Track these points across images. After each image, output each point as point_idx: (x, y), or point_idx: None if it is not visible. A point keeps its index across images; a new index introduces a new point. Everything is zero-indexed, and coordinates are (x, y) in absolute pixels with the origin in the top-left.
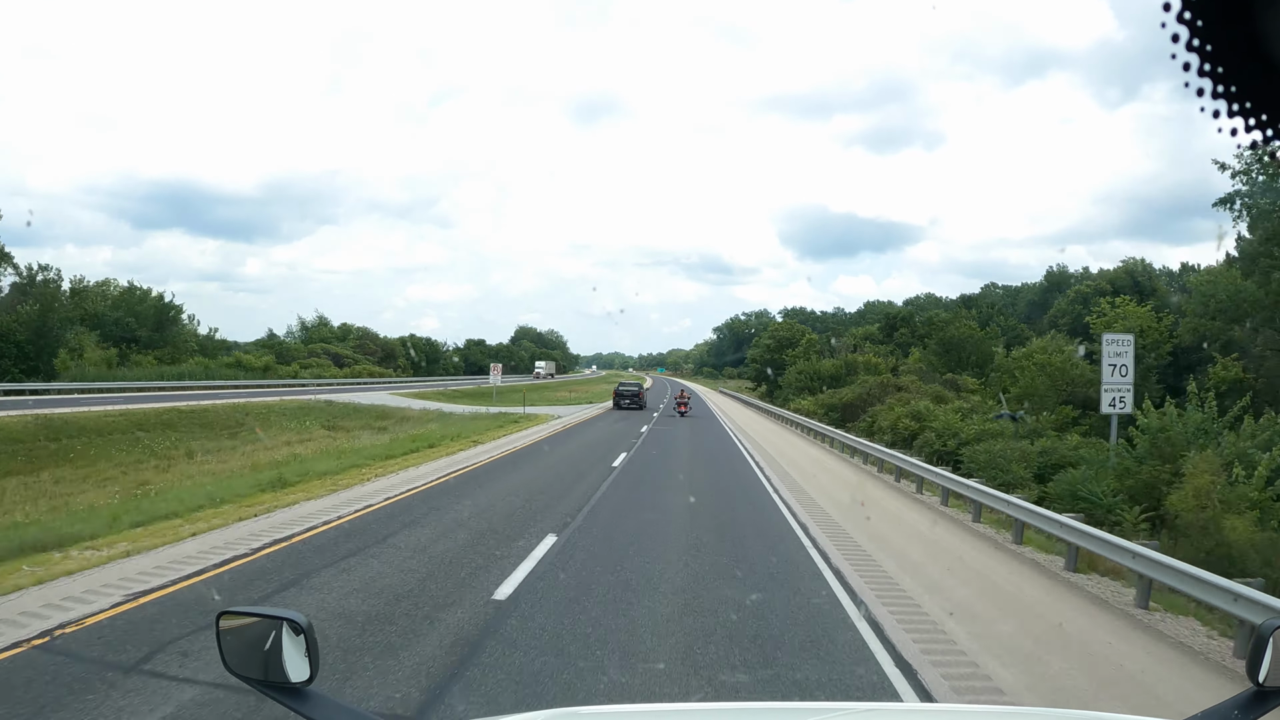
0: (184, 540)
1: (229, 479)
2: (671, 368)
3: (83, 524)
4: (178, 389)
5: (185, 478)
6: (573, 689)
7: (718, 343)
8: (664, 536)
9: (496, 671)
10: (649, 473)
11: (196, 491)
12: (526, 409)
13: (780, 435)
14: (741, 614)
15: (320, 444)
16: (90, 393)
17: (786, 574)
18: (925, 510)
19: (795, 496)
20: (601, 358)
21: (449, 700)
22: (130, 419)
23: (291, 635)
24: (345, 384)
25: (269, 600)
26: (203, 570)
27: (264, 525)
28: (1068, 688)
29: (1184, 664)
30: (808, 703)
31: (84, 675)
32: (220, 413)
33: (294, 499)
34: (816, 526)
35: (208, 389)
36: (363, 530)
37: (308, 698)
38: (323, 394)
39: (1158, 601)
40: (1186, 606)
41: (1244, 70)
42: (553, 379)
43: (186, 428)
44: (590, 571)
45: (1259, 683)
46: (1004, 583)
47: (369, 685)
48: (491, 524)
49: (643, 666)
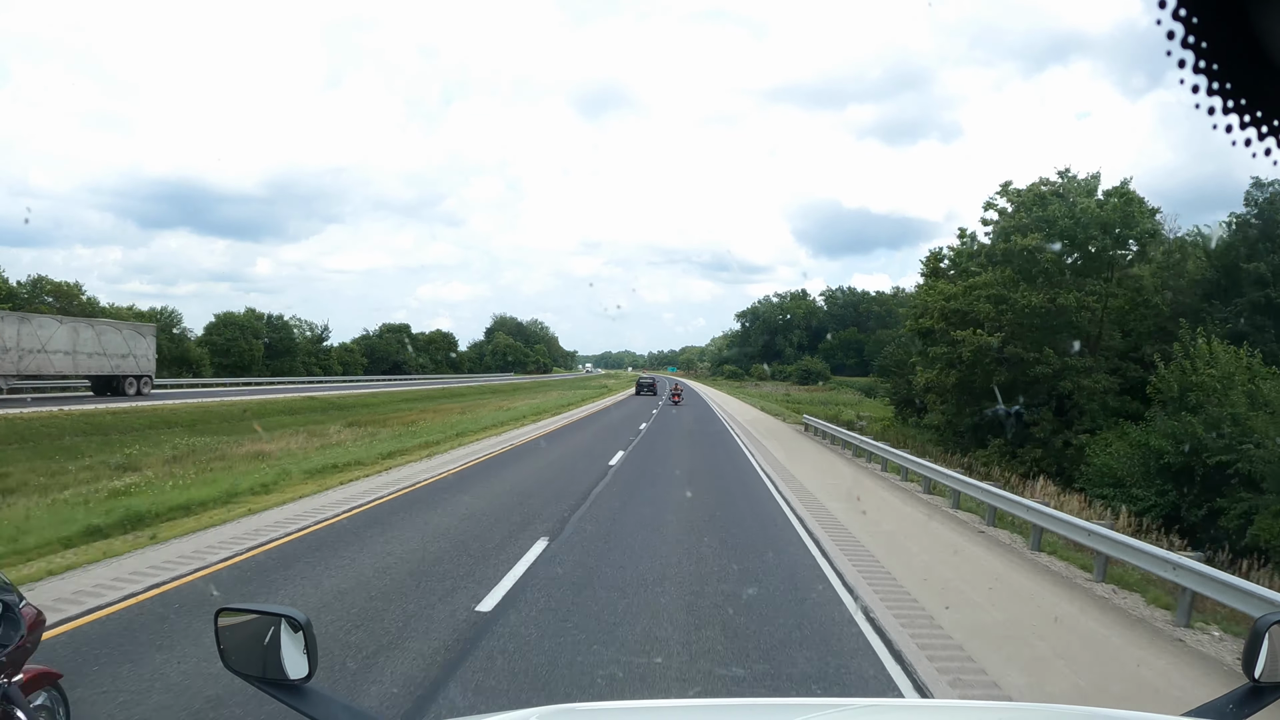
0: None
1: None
2: (684, 366)
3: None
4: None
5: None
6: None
7: (743, 333)
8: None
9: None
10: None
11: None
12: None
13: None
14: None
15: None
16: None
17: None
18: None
19: None
20: (610, 356)
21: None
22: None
23: (290, 632)
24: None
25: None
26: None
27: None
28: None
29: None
30: (806, 699)
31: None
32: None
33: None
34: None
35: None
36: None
37: (307, 694)
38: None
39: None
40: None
41: (1240, 68)
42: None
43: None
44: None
45: (1255, 678)
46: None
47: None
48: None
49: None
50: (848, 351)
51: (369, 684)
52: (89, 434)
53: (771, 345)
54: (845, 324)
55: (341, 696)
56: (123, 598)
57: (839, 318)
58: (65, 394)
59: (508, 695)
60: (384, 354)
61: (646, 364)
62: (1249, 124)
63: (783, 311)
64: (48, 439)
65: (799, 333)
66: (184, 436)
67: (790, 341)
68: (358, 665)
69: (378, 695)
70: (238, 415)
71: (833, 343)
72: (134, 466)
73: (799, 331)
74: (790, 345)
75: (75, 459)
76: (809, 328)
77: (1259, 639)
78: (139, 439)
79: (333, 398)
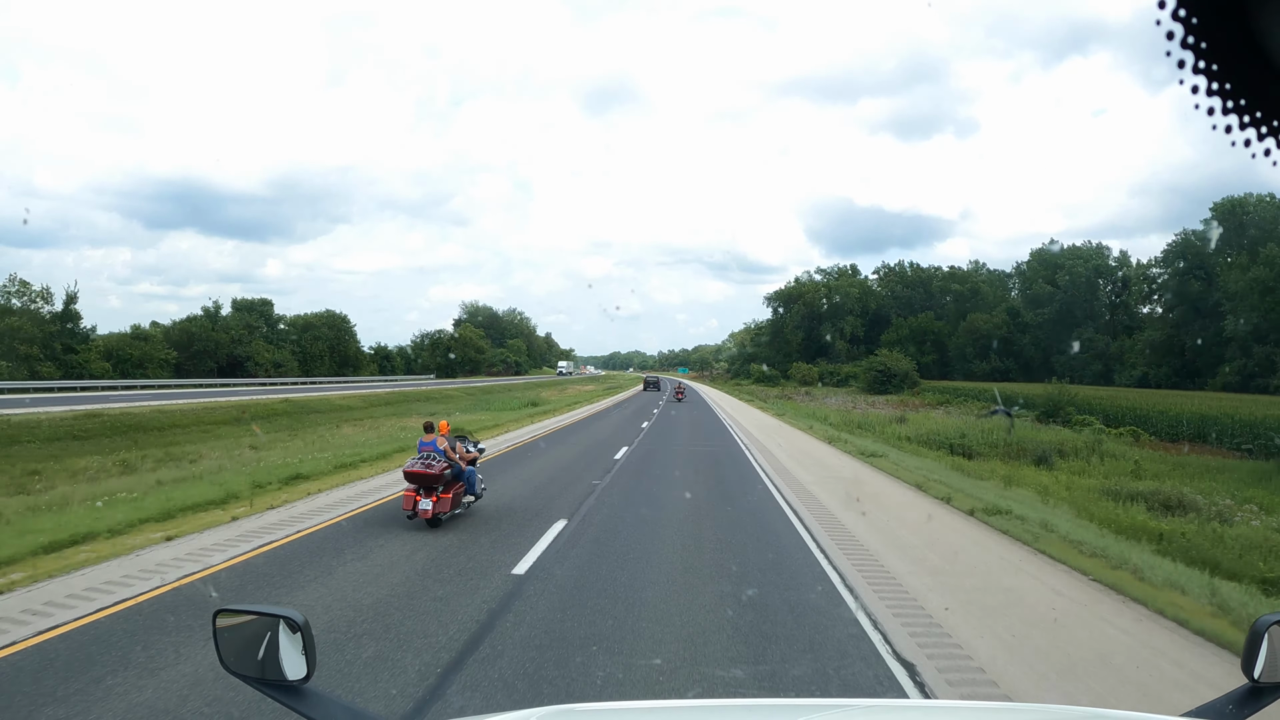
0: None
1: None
2: (697, 367)
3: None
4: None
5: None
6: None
7: (774, 323)
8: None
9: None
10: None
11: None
12: None
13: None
14: None
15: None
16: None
17: None
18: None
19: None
20: (619, 356)
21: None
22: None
23: (288, 633)
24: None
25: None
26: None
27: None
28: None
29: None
30: (807, 699)
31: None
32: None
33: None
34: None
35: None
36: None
37: (305, 695)
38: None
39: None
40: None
41: (1240, 68)
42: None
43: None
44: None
45: (1254, 679)
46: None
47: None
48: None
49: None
50: (922, 344)
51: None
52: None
53: (815, 337)
54: (913, 308)
55: (340, 697)
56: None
57: (904, 301)
58: None
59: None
60: (207, 344)
61: (656, 364)
62: (1249, 124)
63: (828, 293)
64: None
65: (851, 320)
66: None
67: (841, 332)
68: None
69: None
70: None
71: (902, 332)
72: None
73: (851, 319)
74: (841, 337)
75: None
76: (864, 314)
77: (1258, 639)
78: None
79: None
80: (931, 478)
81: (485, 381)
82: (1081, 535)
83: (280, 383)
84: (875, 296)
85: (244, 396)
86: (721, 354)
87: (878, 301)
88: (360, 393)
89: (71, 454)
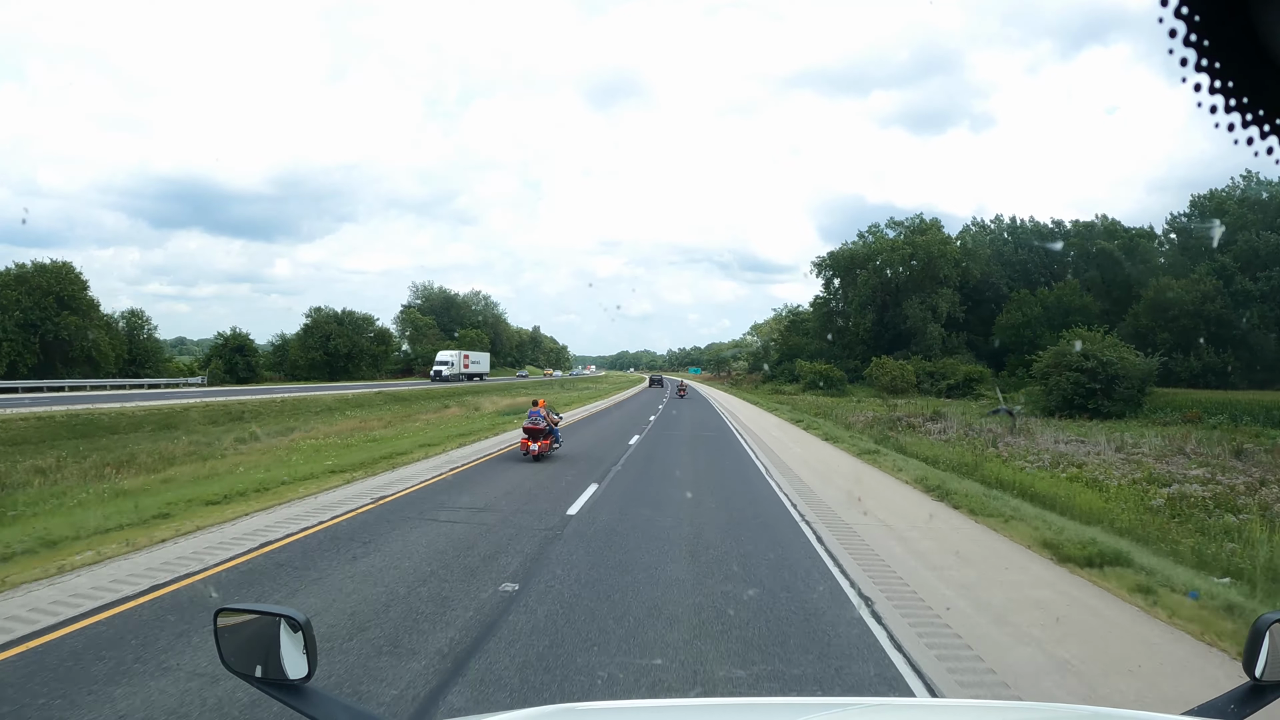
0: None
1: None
2: (711, 368)
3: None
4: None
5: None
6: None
7: (824, 301)
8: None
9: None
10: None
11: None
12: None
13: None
14: None
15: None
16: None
17: None
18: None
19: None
20: (628, 355)
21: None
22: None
23: (290, 632)
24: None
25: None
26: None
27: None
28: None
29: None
30: (809, 699)
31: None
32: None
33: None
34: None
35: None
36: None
37: (306, 695)
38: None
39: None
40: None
41: (1242, 66)
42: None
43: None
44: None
45: (1255, 677)
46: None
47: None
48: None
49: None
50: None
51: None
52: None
53: (889, 320)
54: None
55: (341, 696)
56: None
57: (1016, 268)
58: None
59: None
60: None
61: (665, 364)
62: (1251, 123)
63: (906, 254)
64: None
65: (947, 294)
66: None
67: (932, 311)
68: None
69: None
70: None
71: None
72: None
73: (948, 292)
74: (933, 318)
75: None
76: (963, 285)
77: (1259, 638)
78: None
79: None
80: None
81: (339, 390)
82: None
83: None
84: (978, 260)
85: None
86: (741, 350)
87: (982, 268)
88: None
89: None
